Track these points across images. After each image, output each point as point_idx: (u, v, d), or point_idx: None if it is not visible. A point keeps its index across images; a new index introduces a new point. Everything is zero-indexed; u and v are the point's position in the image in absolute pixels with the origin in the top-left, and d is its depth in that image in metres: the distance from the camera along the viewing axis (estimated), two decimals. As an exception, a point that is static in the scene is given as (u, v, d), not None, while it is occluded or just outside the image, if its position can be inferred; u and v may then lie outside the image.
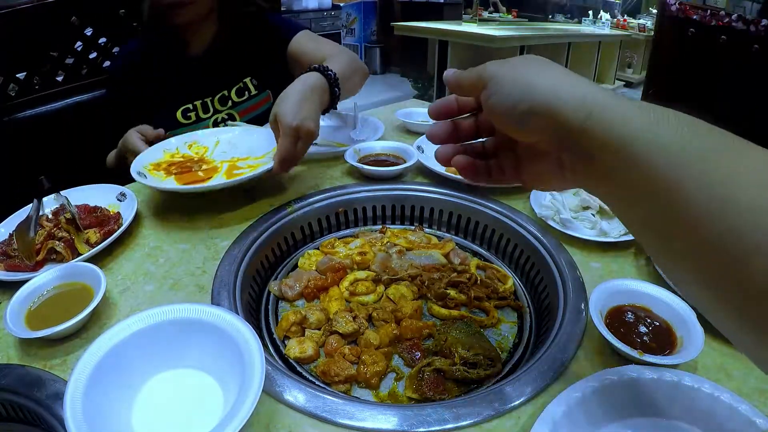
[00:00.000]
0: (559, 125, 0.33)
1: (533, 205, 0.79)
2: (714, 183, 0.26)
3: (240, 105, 1.14)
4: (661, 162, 0.28)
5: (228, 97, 1.13)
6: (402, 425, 0.45)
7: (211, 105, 1.12)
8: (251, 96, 1.15)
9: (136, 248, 0.72)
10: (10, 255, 0.66)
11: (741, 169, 0.26)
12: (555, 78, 0.34)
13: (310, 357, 0.60)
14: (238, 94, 1.14)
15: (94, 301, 0.55)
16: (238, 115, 1.14)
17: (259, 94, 1.16)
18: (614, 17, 6.17)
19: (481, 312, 0.69)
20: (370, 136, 1.08)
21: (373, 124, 1.15)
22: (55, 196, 0.79)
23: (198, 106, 1.11)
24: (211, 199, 0.84)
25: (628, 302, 0.58)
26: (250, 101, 1.15)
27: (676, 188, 0.27)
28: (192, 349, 0.49)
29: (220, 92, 1.12)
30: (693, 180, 0.26)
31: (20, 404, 0.49)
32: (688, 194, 0.26)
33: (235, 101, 1.13)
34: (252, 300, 0.69)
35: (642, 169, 0.28)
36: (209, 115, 1.12)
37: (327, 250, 0.79)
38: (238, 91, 1.13)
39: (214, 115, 1.12)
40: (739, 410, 0.43)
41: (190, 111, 1.11)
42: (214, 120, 1.12)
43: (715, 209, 0.25)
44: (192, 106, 1.11)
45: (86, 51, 1.23)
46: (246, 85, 1.14)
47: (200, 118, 1.11)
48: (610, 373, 0.46)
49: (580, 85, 0.33)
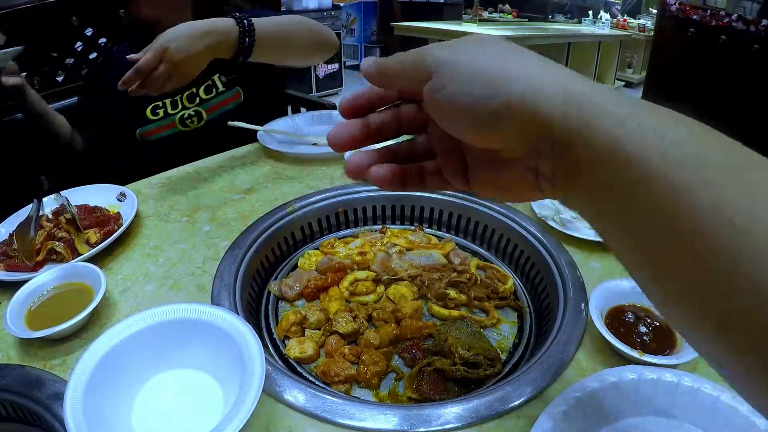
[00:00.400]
0: (542, 127, 0.25)
1: (533, 205, 0.79)
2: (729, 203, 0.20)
3: (207, 102, 1.14)
4: (676, 177, 0.21)
5: (196, 95, 1.13)
6: (402, 425, 0.45)
7: (180, 102, 1.12)
8: (218, 93, 1.14)
9: (136, 248, 0.72)
10: (10, 255, 0.66)
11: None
12: (529, 65, 0.26)
13: (310, 357, 0.60)
14: (206, 92, 1.13)
15: (94, 301, 0.55)
16: (205, 112, 1.14)
17: (227, 91, 1.15)
18: (614, 17, 6.17)
19: (481, 312, 0.69)
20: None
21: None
22: (55, 196, 0.79)
23: (167, 103, 1.12)
24: (211, 199, 0.84)
25: (628, 302, 0.58)
26: (218, 98, 1.15)
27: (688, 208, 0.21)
28: (192, 349, 0.49)
29: (189, 89, 1.12)
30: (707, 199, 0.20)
31: (20, 404, 0.49)
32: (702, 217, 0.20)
33: (203, 98, 1.13)
34: (252, 300, 0.69)
35: (652, 186, 0.22)
36: (177, 111, 1.12)
37: (327, 250, 0.79)
38: (206, 88, 1.13)
39: (181, 111, 1.12)
40: (739, 410, 0.43)
41: (159, 108, 1.11)
42: (181, 116, 1.12)
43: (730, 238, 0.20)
44: (161, 103, 1.11)
45: (86, 51, 1.23)
46: (214, 82, 1.13)
47: (168, 114, 1.12)
48: (610, 373, 0.46)
49: (561, 75, 0.25)
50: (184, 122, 1.12)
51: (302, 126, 1.17)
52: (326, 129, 1.16)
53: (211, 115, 1.14)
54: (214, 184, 0.90)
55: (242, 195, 0.86)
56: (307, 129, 1.16)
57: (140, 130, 1.10)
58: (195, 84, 1.11)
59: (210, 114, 1.14)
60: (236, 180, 0.92)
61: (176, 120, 1.12)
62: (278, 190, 0.88)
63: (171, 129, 1.12)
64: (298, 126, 1.16)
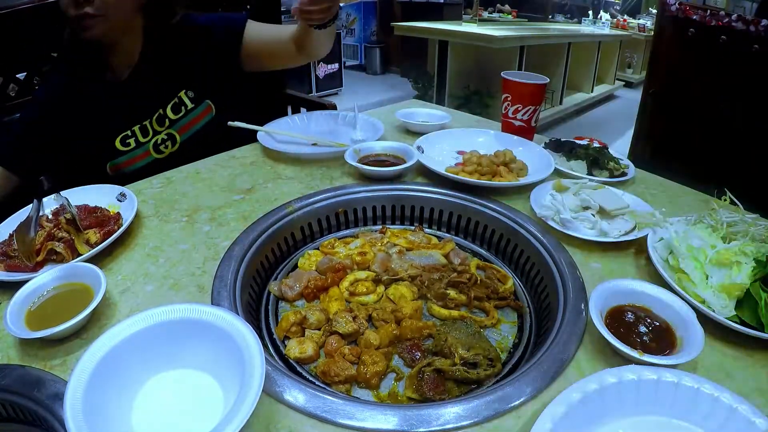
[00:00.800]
0: None
1: (533, 205, 0.80)
2: None
3: (177, 122, 1.06)
4: None
5: (164, 116, 1.04)
6: (402, 425, 0.45)
7: (150, 127, 1.03)
8: (188, 111, 1.06)
9: (136, 248, 0.72)
10: (10, 255, 0.66)
11: None
12: None
13: (310, 357, 0.60)
14: (174, 111, 1.05)
15: (94, 301, 0.55)
16: (178, 134, 1.06)
17: (197, 107, 1.07)
18: (614, 17, 6.17)
19: (481, 312, 0.69)
20: (369, 137, 1.08)
21: (372, 124, 1.15)
22: (55, 196, 0.79)
23: (137, 131, 1.03)
24: (211, 199, 0.84)
25: (628, 302, 0.58)
26: (188, 116, 1.07)
27: None
28: (192, 349, 0.49)
29: (156, 112, 1.03)
30: None
31: (20, 404, 0.49)
32: None
33: (172, 119, 1.05)
34: (252, 300, 0.70)
35: None
36: (148, 138, 1.04)
37: (327, 250, 0.79)
38: (173, 107, 1.05)
39: (153, 137, 1.04)
40: (739, 410, 0.43)
41: (129, 137, 1.02)
42: (154, 142, 1.04)
43: None
44: (130, 132, 1.02)
45: (86, 51, 1.23)
46: (181, 99, 1.05)
47: (140, 143, 1.03)
48: (610, 373, 0.46)
49: None
50: (158, 149, 1.05)
51: (302, 126, 1.17)
52: (326, 129, 1.17)
53: (184, 135, 1.07)
54: (214, 184, 0.90)
55: (242, 195, 0.86)
56: (307, 129, 1.16)
57: (110, 163, 1.02)
58: (161, 104, 1.04)
59: (183, 135, 1.07)
60: (236, 180, 0.92)
61: (149, 148, 1.04)
62: (278, 190, 0.88)
63: (146, 159, 1.04)
64: (298, 126, 1.16)
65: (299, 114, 1.18)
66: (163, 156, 1.06)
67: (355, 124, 1.14)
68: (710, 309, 0.57)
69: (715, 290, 0.59)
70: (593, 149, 1.00)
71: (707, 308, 0.57)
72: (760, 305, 0.55)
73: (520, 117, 1.08)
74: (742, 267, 0.60)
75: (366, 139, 1.07)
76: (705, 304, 0.58)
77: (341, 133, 1.14)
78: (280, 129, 1.11)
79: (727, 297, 0.58)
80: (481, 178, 0.88)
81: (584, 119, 4.93)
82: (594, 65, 5.17)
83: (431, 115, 1.26)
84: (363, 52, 6.25)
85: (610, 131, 4.33)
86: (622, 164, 0.97)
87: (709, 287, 0.60)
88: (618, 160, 0.98)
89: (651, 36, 2.76)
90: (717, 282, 0.60)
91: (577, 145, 1.03)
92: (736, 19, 1.19)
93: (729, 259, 0.61)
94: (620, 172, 0.95)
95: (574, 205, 0.78)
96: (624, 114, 4.87)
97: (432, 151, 1.00)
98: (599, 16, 6.07)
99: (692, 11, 1.28)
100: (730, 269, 0.61)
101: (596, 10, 6.19)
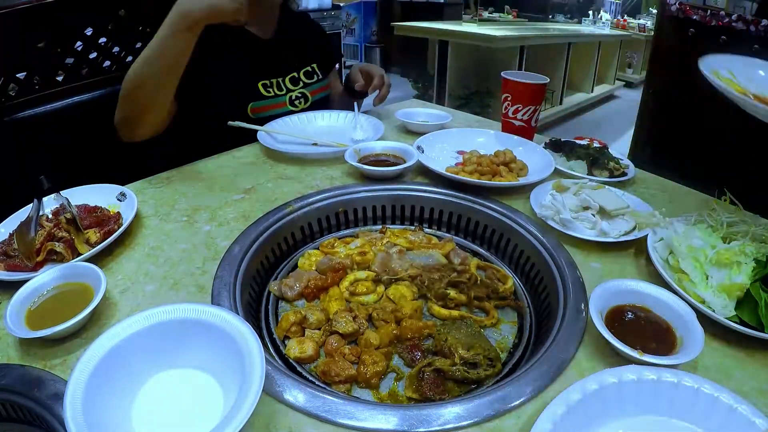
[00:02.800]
0: None
1: (533, 205, 0.79)
2: None
3: (310, 86, 1.25)
4: None
5: (298, 78, 1.23)
6: (402, 425, 0.45)
7: (284, 84, 1.20)
8: (319, 79, 1.29)
9: (136, 248, 0.72)
10: (10, 255, 0.66)
11: None
12: None
13: (310, 357, 0.60)
14: (307, 76, 1.25)
15: (94, 301, 0.55)
16: (310, 95, 1.25)
17: (324, 79, 1.30)
18: (615, 16, 6.17)
19: (481, 312, 0.69)
20: (370, 137, 1.08)
21: (373, 124, 1.15)
22: (55, 196, 0.79)
23: (273, 83, 1.18)
24: (211, 199, 0.84)
25: (628, 302, 0.58)
26: (319, 83, 1.28)
27: None
28: (192, 349, 0.49)
29: (291, 74, 1.22)
30: None
31: (20, 404, 0.49)
32: None
33: (306, 82, 1.25)
34: (252, 300, 0.69)
35: None
36: (283, 93, 1.20)
37: (327, 250, 0.79)
38: (306, 73, 1.25)
39: (288, 93, 1.21)
40: (739, 410, 0.43)
41: (269, 86, 1.17)
42: (290, 97, 1.21)
43: None
44: (269, 82, 1.18)
45: (86, 51, 1.23)
46: (314, 69, 1.27)
47: (277, 94, 1.19)
48: (610, 373, 0.46)
49: None
50: (293, 103, 1.22)
51: (302, 125, 1.17)
52: (326, 129, 1.17)
53: (315, 97, 1.26)
54: (214, 184, 0.90)
55: (242, 195, 0.86)
56: (306, 128, 1.16)
57: (252, 104, 1.14)
58: (295, 68, 1.24)
59: (314, 96, 1.26)
60: (236, 180, 0.92)
61: (286, 100, 1.20)
62: (278, 190, 0.88)
63: (282, 108, 1.19)
64: (297, 125, 1.16)
65: (299, 113, 1.19)
66: (297, 110, 1.22)
67: (355, 124, 1.14)
68: (710, 309, 0.57)
69: (715, 290, 0.59)
70: (593, 149, 1.00)
71: (707, 308, 0.57)
72: (760, 305, 0.55)
73: (520, 117, 1.08)
74: (742, 267, 0.60)
75: (366, 138, 1.07)
76: (705, 305, 0.58)
77: (341, 132, 1.14)
78: (280, 129, 1.11)
79: (727, 297, 0.58)
80: (481, 178, 0.88)
81: (584, 119, 4.93)
82: (594, 65, 5.17)
83: (431, 115, 1.26)
84: (363, 52, 6.25)
85: (610, 131, 4.33)
86: (622, 164, 0.97)
87: (709, 287, 0.60)
88: (618, 160, 0.98)
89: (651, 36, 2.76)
90: (717, 282, 0.60)
91: (577, 145, 1.03)
92: (736, 19, 1.19)
93: (729, 260, 0.61)
94: (620, 172, 0.95)
95: (574, 205, 0.78)
96: (624, 114, 4.87)
97: (432, 151, 1.00)
98: (599, 15, 6.07)
99: (692, 11, 1.28)
100: (730, 269, 0.61)
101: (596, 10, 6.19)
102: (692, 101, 1.33)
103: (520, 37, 3.74)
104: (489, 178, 0.89)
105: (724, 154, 1.20)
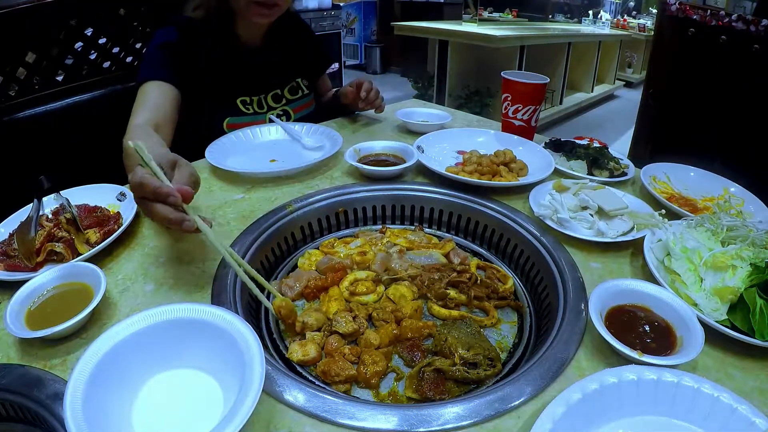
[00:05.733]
0: None
1: (532, 204, 0.79)
2: None
3: (293, 102, 1.21)
4: None
5: (282, 95, 1.19)
6: (402, 425, 0.45)
7: (265, 102, 1.16)
8: (304, 95, 1.24)
9: (136, 248, 0.72)
10: (10, 255, 0.66)
11: None
12: None
13: (314, 359, 0.60)
14: (291, 92, 1.21)
15: (94, 301, 0.55)
16: (293, 112, 1.21)
17: (308, 95, 1.26)
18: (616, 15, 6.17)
19: (481, 312, 0.69)
20: (325, 145, 1.03)
21: (327, 133, 1.08)
22: (55, 196, 0.79)
23: (254, 101, 1.15)
24: (211, 199, 0.84)
25: (628, 302, 0.58)
26: (302, 100, 1.24)
27: None
28: (192, 349, 0.49)
29: (273, 91, 1.18)
30: None
31: (20, 404, 0.49)
32: None
33: (289, 99, 1.21)
34: (252, 300, 0.69)
35: None
36: (264, 111, 1.16)
37: (327, 250, 0.79)
38: (291, 89, 1.21)
39: (269, 111, 1.17)
40: (739, 410, 0.43)
41: (248, 103, 1.14)
42: (269, 117, 1.17)
43: None
44: (249, 99, 1.14)
45: (86, 51, 1.23)
46: (299, 84, 1.23)
47: (257, 112, 1.15)
48: (610, 374, 0.46)
49: None
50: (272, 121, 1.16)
51: (254, 139, 1.09)
52: (326, 129, 1.16)
53: (297, 114, 1.21)
54: (213, 184, 0.90)
55: (242, 195, 0.86)
56: (257, 145, 1.08)
57: (229, 120, 1.11)
58: (279, 85, 1.19)
59: (296, 114, 1.21)
60: (236, 179, 0.92)
61: (266, 119, 1.16)
62: (278, 190, 0.88)
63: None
64: (251, 139, 1.08)
65: (242, 130, 1.09)
66: None
67: (302, 137, 1.08)
68: (700, 312, 0.56)
69: (707, 293, 0.59)
70: (593, 149, 1.00)
71: (698, 311, 0.56)
72: (753, 311, 0.54)
73: (520, 117, 1.08)
74: (738, 271, 0.59)
75: (320, 147, 1.03)
76: (696, 307, 0.57)
77: (294, 147, 1.07)
78: (231, 144, 1.03)
79: (720, 300, 0.58)
80: (481, 177, 0.88)
81: (584, 119, 4.93)
82: (594, 65, 5.17)
83: (431, 115, 1.26)
84: (363, 52, 6.25)
85: (610, 131, 4.33)
86: (622, 164, 0.97)
87: (701, 290, 0.59)
88: (618, 160, 0.98)
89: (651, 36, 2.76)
90: (710, 285, 0.59)
91: (577, 145, 1.03)
92: (736, 19, 1.19)
93: (724, 263, 0.60)
94: (620, 172, 0.95)
95: (573, 205, 0.78)
96: (624, 114, 4.87)
97: (432, 151, 1.00)
98: (599, 15, 6.07)
99: (692, 11, 1.28)
100: (724, 273, 0.60)
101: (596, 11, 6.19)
102: (692, 101, 1.34)
103: (520, 36, 3.73)
104: (489, 178, 0.89)
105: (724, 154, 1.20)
